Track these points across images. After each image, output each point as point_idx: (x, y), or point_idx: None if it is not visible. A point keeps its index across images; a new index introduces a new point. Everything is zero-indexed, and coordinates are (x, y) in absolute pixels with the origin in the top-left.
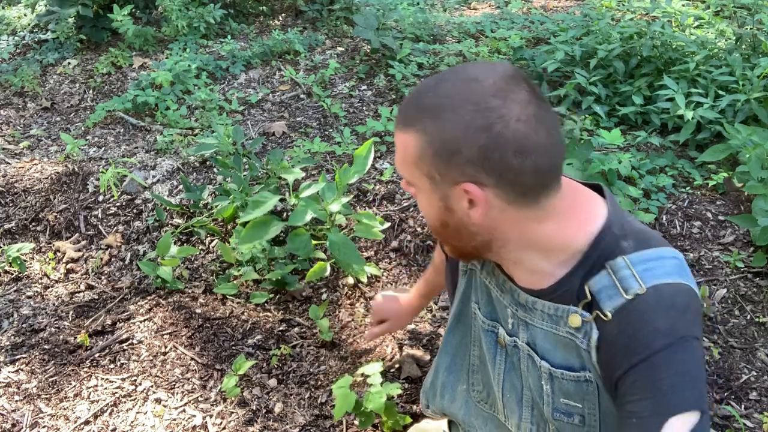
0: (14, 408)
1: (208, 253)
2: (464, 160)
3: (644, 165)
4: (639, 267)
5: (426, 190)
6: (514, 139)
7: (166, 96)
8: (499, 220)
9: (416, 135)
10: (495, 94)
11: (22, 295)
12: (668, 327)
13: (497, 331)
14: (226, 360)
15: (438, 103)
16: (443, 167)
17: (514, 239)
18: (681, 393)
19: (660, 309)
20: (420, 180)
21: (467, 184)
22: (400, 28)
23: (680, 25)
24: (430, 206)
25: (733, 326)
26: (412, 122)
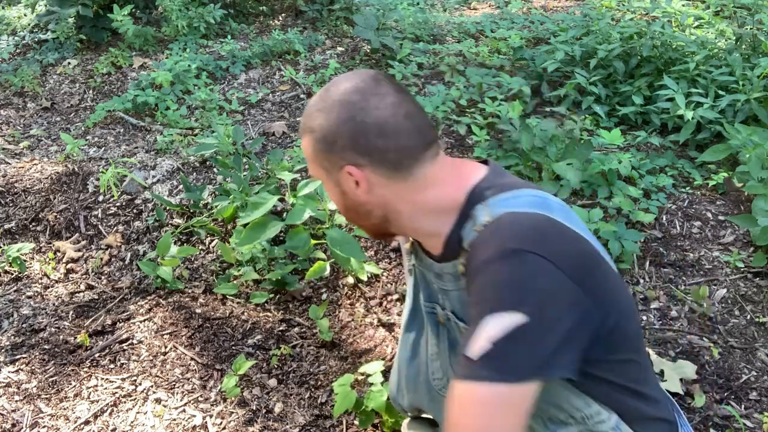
0: (14, 408)
1: (208, 253)
2: (340, 148)
3: (644, 165)
4: (492, 206)
5: (325, 180)
6: (375, 124)
7: (166, 96)
8: (386, 194)
9: (307, 138)
10: (356, 92)
11: (22, 295)
12: (499, 244)
13: (436, 311)
14: (226, 360)
15: (316, 109)
16: (328, 156)
17: (405, 210)
18: (500, 294)
19: (498, 230)
20: (319, 173)
21: (348, 167)
22: (400, 28)
23: (680, 25)
24: (332, 193)
25: (733, 326)
26: (303, 130)
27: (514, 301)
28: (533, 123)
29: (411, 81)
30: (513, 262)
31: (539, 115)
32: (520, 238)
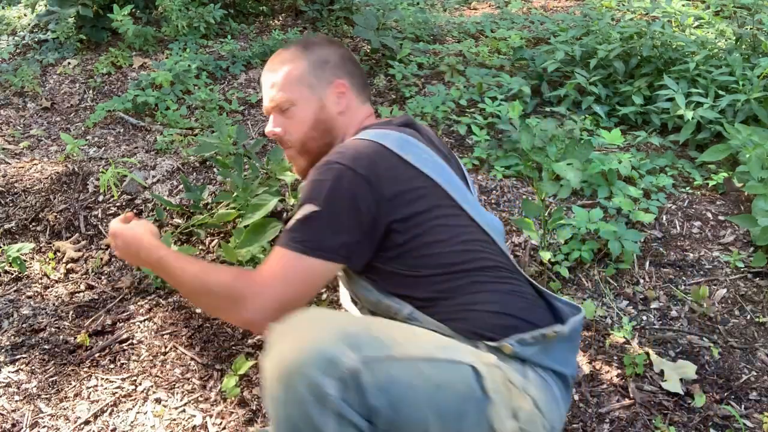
0: (14, 408)
1: (208, 253)
2: (332, 66)
3: (644, 165)
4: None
5: (305, 97)
6: (353, 58)
7: (166, 96)
8: (352, 108)
9: (296, 62)
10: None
11: (22, 295)
12: (326, 158)
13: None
14: (226, 360)
15: (304, 42)
16: (318, 74)
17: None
18: (307, 191)
19: (333, 151)
20: (300, 91)
21: (338, 80)
22: (400, 28)
23: (680, 25)
24: (308, 109)
25: (733, 326)
26: (284, 65)
27: (312, 195)
28: (533, 123)
29: (411, 81)
30: (324, 169)
31: (539, 115)
32: (338, 154)
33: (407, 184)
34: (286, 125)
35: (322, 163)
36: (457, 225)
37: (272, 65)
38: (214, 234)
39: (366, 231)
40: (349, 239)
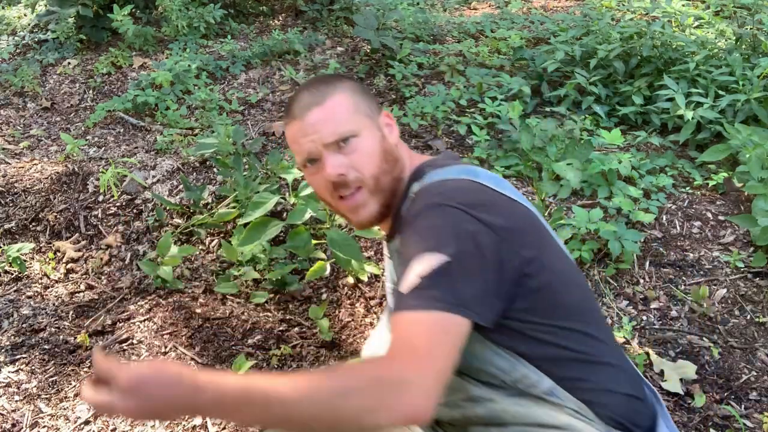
0: (14, 408)
1: (208, 253)
2: (371, 96)
3: (644, 165)
4: (426, 179)
5: (368, 126)
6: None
7: (166, 96)
8: (399, 145)
9: (341, 94)
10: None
11: (22, 295)
12: (426, 200)
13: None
14: (226, 360)
15: (325, 77)
16: (371, 102)
17: (407, 169)
18: (419, 243)
19: (425, 192)
20: (363, 121)
21: (383, 110)
22: (400, 28)
23: (680, 25)
24: (374, 139)
25: (733, 326)
26: (330, 91)
27: (437, 244)
28: (533, 123)
29: (411, 81)
30: (436, 213)
31: (539, 115)
32: (443, 196)
33: (521, 222)
34: (353, 161)
35: (424, 206)
36: (567, 266)
37: (313, 97)
38: (214, 234)
39: (499, 278)
40: (484, 289)
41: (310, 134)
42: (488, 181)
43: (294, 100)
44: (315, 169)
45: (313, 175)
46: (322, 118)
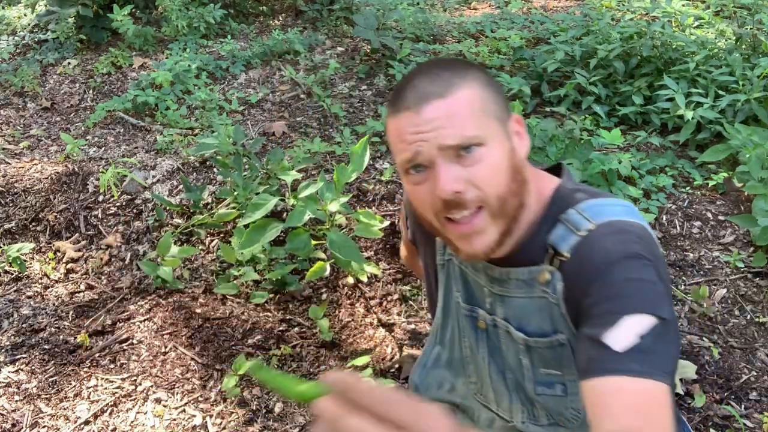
0: (14, 408)
1: (208, 253)
2: (504, 93)
3: (644, 165)
4: (588, 212)
5: (498, 135)
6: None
7: (166, 96)
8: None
9: (474, 83)
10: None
11: (22, 295)
12: (620, 246)
13: (476, 315)
14: (226, 360)
15: (459, 61)
16: (503, 101)
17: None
18: (634, 297)
19: (611, 234)
20: (492, 126)
21: (514, 114)
22: (400, 28)
23: (680, 25)
24: (503, 152)
25: (733, 326)
26: (457, 81)
27: (646, 303)
28: (533, 123)
29: None
30: (640, 266)
31: (539, 115)
32: (637, 246)
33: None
34: (475, 176)
35: (624, 253)
36: None
37: (434, 85)
38: (214, 234)
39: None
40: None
41: (425, 132)
42: (644, 222)
43: (407, 84)
44: (421, 178)
45: (416, 184)
46: (443, 115)
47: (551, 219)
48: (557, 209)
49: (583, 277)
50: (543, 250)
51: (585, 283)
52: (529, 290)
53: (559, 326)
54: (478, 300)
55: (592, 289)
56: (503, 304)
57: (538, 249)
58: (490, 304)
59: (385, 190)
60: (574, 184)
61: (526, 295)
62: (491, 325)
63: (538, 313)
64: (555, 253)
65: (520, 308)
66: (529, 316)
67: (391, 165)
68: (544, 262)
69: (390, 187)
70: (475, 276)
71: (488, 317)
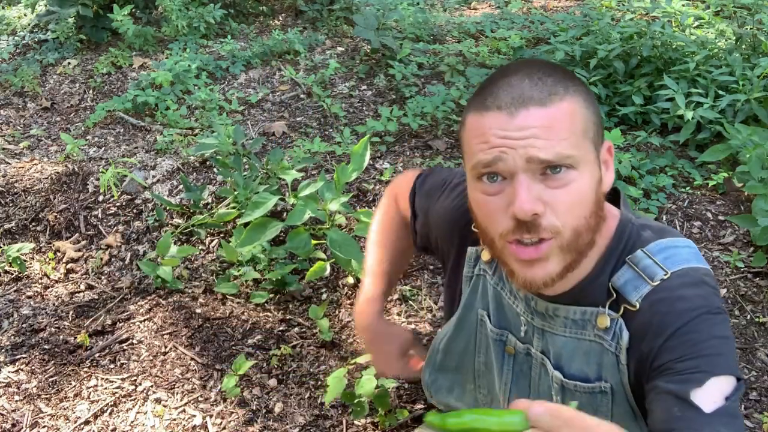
0: (14, 408)
1: (208, 253)
2: (600, 115)
3: (644, 165)
4: (659, 256)
5: (591, 160)
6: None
7: (166, 96)
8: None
9: (573, 100)
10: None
11: (22, 295)
12: (701, 299)
13: (505, 340)
14: (226, 360)
15: (563, 69)
16: (600, 124)
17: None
18: (721, 356)
19: (689, 286)
20: (587, 149)
21: (607, 141)
22: (400, 28)
23: (680, 25)
24: (592, 181)
25: (733, 326)
26: (561, 91)
27: (731, 364)
28: None
29: (411, 81)
30: (722, 322)
31: None
32: (715, 298)
33: None
34: (556, 201)
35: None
36: None
37: (535, 89)
38: (214, 234)
39: None
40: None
41: (514, 139)
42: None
43: (501, 80)
44: (495, 189)
45: (487, 194)
46: (540, 125)
47: (615, 258)
48: (622, 248)
49: (659, 329)
50: (604, 292)
51: (662, 336)
52: (580, 331)
53: (606, 374)
54: (510, 325)
55: (672, 344)
56: (542, 337)
57: (598, 290)
58: (525, 332)
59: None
60: (637, 218)
61: (574, 336)
62: (522, 353)
63: (584, 356)
64: (619, 298)
65: (563, 347)
66: (572, 357)
67: (391, 165)
68: (605, 306)
69: None
70: (511, 301)
71: (520, 345)
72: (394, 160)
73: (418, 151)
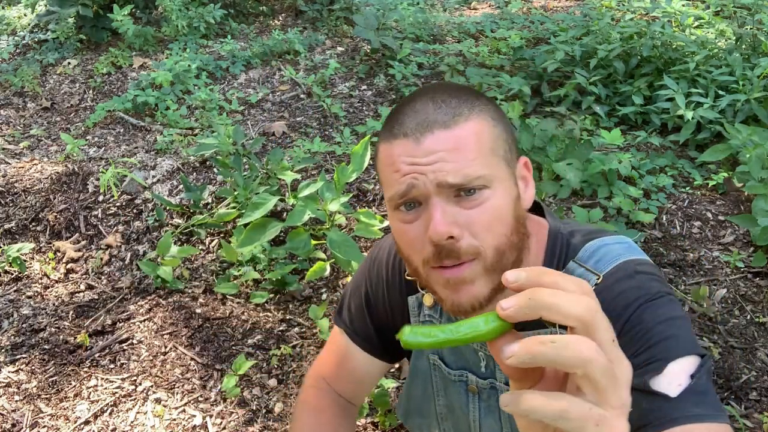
0: (14, 408)
1: (208, 253)
2: (513, 135)
3: (644, 165)
4: (590, 261)
5: (505, 178)
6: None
7: (166, 96)
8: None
9: (483, 116)
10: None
11: (22, 295)
12: (636, 290)
13: (466, 380)
14: (226, 360)
15: (466, 90)
16: (512, 140)
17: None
18: (672, 338)
19: (624, 279)
20: (498, 167)
21: (522, 157)
22: (400, 28)
23: (680, 25)
24: (508, 198)
25: (733, 326)
26: (465, 111)
27: (687, 344)
28: (533, 123)
29: (411, 81)
30: (668, 304)
31: (539, 115)
32: (655, 283)
33: None
34: (473, 221)
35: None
36: None
37: (439, 113)
38: (214, 234)
39: None
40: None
41: (423, 165)
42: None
43: (407, 107)
44: (412, 216)
45: (405, 222)
46: (446, 148)
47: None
48: (556, 262)
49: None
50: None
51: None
52: None
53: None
54: (470, 364)
55: (622, 342)
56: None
57: None
58: (485, 367)
59: None
60: (563, 224)
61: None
62: (487, 388)
63: None
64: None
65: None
66: None
67: None
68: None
69: None
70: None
71: (483, 382)
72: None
73: None
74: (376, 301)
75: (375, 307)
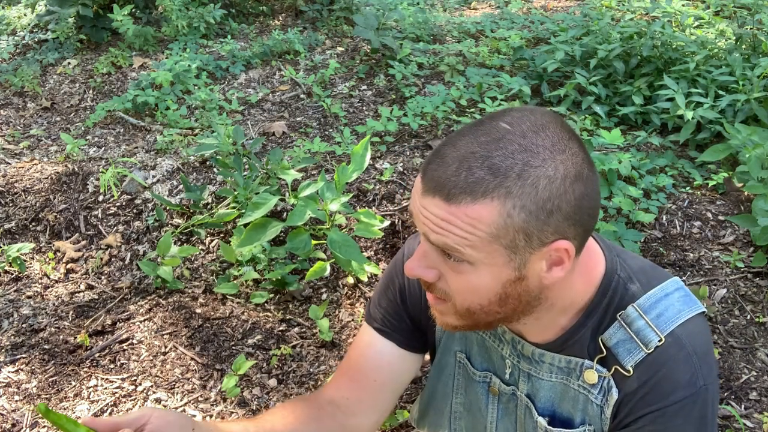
0: (14, 408)
1: (208, 253)
2: (562, 217)
3: (644, 165)
4: (651, 314)
5: (497, 264)
6: (594, 182)
7: (166, 96)
8: (571, 271)
9: (497, 203)
10: (565, 136)
11: (22, 295)
12: (689, 377)
13: (489, 381)
14: (226, 360)
15: (517, 159)
16: (536, 230)
17: (561, 297)
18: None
19: (681, 358)
20: (492, 254)
21: (560, 241)
22: (400, 28)
23: (680, 25)
24: (493, 279)
25: (733, 326)
26: (486, 189)
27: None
28: None
29: (411, 81)
30: (705, 401)
31: None
32: (707, 367)
33: None
34: (450, 280)
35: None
36: None
37: (452, 175)
38: (214, 234)
39: None
40: None
41: (420, 209)
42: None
43: (442, 147)
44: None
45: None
46: (437, 217)
47: (600, 313)
48: (607, 302)
49: (642, 398)
50: (590, 345)
51: (641, 406)
52: (566, 377)
53: (591, 419)
54: (495, 367)
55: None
56: (528, 381)
57: (581, 342)
58: (510, 375)
59: (385, 190)
60: (621, 266)
61: (561, 381)
62: (508, 394)
63: (570, 402)
64: (609, 356)
65: (550, 390)
66: (557, 401)
67: (391, 165)
68: (592, 360)
69: (390, 187)
70: (496, 344)
71: (505, 386)
72: (394, 160)
73: (418, 151)
74: (411, 291)
75: (410, 298)
